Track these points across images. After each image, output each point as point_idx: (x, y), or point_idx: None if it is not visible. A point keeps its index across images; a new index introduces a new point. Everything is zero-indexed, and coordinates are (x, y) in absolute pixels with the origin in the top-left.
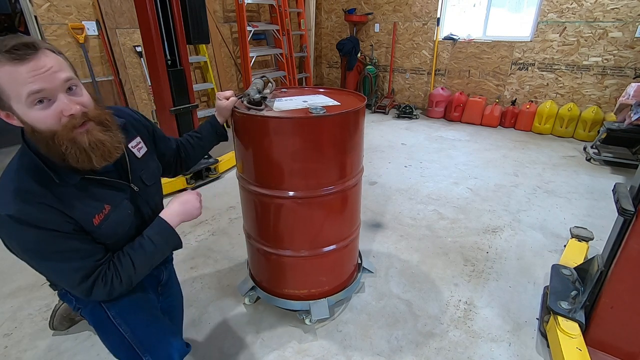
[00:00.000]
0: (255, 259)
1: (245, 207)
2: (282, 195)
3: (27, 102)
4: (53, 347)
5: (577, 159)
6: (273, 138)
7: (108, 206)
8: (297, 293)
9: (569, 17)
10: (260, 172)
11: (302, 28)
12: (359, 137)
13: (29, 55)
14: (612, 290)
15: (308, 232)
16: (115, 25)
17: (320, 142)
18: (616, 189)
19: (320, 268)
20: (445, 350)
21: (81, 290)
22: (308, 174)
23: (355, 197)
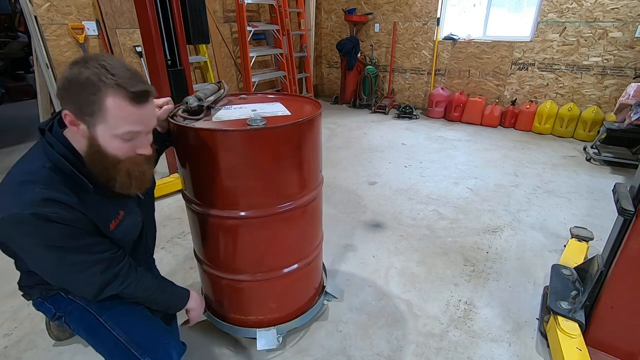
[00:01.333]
0: (203, 280)
1: (190, 225)
2: (220, 215)
3: (120, 135)
4: (53, 347)
5: (577, 159)
6: (203, 152)
7: (122, 212)
8: (245, 319)
9: (569, 17)
10: (197, 189)
11: (302, 28)
12: (309, 150)
13: (145, 102)
14: (612, 290)
15: (252, 254)
16: (115, 25)
17: (258, 157)
18: (616, 189)
19: (270, 292)
20: (445, 350)
21: (101, 282)
22: (247, 191)
23: (311, 215)
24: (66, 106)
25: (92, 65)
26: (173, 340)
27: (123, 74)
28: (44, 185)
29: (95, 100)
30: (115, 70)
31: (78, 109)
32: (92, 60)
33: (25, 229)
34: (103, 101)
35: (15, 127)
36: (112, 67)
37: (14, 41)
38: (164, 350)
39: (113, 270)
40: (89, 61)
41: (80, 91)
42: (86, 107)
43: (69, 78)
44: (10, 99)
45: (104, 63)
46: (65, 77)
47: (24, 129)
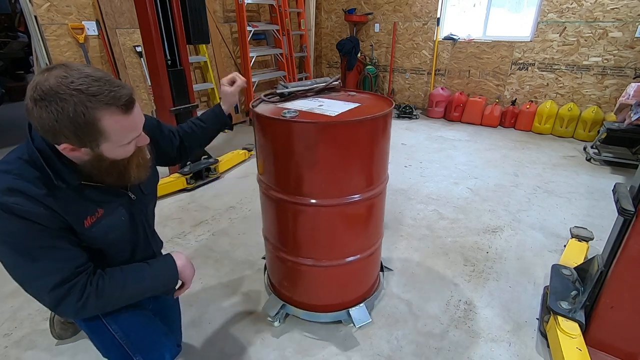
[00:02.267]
0: (283, 274)
1: (279, 218)
2: (293, 201)
3: (126, 143)
4: (53, 347)
5: (577, 159)
6: (279, 140)
7: (102, 210)
8: (331, 304)
9: (569, 17)
10: (271, 174)
11: (302, 28)
12: (381, 145)
13: (134, 106)
14: (612, 290)
15: (339, 240)
16: (115, 25)
17: (327, 149)
18: (616, 189)
19: (353, 275)
20: (445, 350)
21: (51, 298)
22: (315, 181)
23: (377, 209)
24: (63, 141)
25: (68, 95)
26: (168, 342)
27: (102, 90)
28: (15, 176)
29: (92, 128)
30: (92, 89)
31: (78, 141)
32: (61, 89)
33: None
34: (102, 125)
35: (15, 127)
36: (88, 87)
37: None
38: (157, 351)
39: (65, 286)
40: (60, 92)
41: (75, 127)
42: (85, 137)
43: (52, 118)
44: (10, 99)
45: (76, 86)
46: (45, 118)
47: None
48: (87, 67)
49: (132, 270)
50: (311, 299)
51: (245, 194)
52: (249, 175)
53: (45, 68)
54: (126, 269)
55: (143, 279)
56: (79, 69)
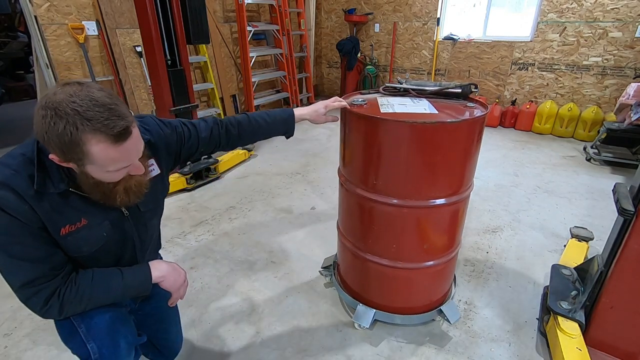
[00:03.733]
0: (372, 280)
1: (343, 206)
2: (380, 200)
3: (114, 170)
4: (53, 347)
5: (577, 159)
6: (367, 136)
7: (85, 221)
8: (418, 306)
9: (569, 17)
10: (356, 169)
11: (302, 28)
12: (471, 151)
13: (127, 138)
14: (612, 290)
15: (428, 241)
16: (115, 25)
17: (417, 149)
18: (616, 189)
19: (437, 277)
20: (445, 351)
21: (19, 294)
22: (403, 180)
23: (458, 215)
24: (51, 151)
25: (64, 113)
26: (124, 329)
27: (98, 116)
28: (13, 171)
29: (78, 150)
30: (89, 113)
31: (63, 156)
32: (62, 105)
33: None
34: (87, 148)
35: (15, 127)
36: (86, 110)
37: (14, 41)
38: (110, 338)
39: (33, 288)
40: (59, 108)
41: (61, 143)
42: (71, 155)
43: (44, 129)
44: (10, 99)
45: (76, 107)
46: (41, 126)
47: (24, 129)
48: (100, 92)
49: (102, 280)
50: (388, 300)
51: (245, 194)
52: (249, 175)
53: (65, 82)
54: (96, 278)
55: (111, 290)
56: (89, 93)
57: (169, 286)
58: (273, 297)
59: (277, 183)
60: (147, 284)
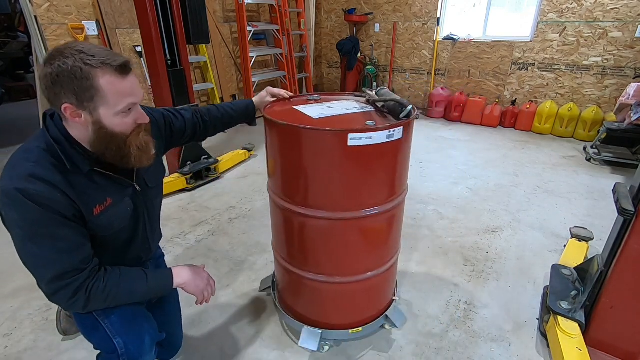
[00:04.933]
0: (278, 272)
1: (272, 219)
2: (305, 213)
3: (121, 110)
4: (53, 347)
5: (577, 159)
6: (290, 146)
7: (110, 199)
8: (342, 323)
9: (569, 17)
10: (284, 183)
11: (302, 28)
12: (400, 157)
13: (130, 72)
14: (612, 290)
15: (353, 255)
16: (115, 25)
17: (347, 159)
18: (616, 189)
19: (379, 287)
20: (445, 350)
21: (47, 288)
22: (331, 193)
23: (394, 222)
24: (64, 99)
25: (70, 54)
26: (148, 326)
27: (101, 53)
28: (34, 163)
29: (90, 84)
30: (93, 51)
31: (76, 98)
32: (66, 50)
33: (6, 202)
34: (97, 82)
35: (15, 127)
36: (89, 50)
37: (14, 41)
38: (136, 332)
39: (62, 282)
40: (64, 51)
41: (72, 80)
42: (84, 94)
43: (54, 73)
44: (10, 99)
45: (80, 48)
46: (49, 74)
47: (24, 129)
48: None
49: (128, 281)
50: (322, 316)
51: (245, 194)
52: (249, 175)
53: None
54: (123, 279)
55: (135, 292)
56: (88, 43)
57: (192, 291)
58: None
59: None
60: (168, 289)
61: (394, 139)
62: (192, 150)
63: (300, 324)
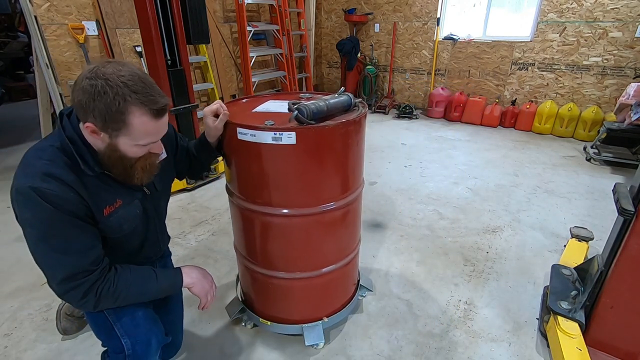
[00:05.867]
0: (248, 282)
1: (238, 225)
2: (273, 213)
3: (142, 144)
4: (53, 347)
5: (577, 159)
6: (243, 149)
7: (120, 200)
8: (292, 318)
9: (569, 17)
10: (242, 184)
11: (302, 28)
12: (353, 151)
13: (164, 113)
14: (612, 290)
15: (306, 252)
16: (115, 25)
17: (300, 156)
18: (616, 189)
19: (311, 290)
20: (445, 350)
21: (58, 288)
22: (289, 190)
23: (352, 216)
24: (90, 119)
25: (115, 84)
26: (155, 328)
27: (144, 90)
28: (48, 161)
29: (122, 118)
30: (136, 87)
31: (104, 123)
32: (112, 77)
33: (21, 201)
34: (130, 119)
35: (15, 127)
36: (133, 84)
37: (14, 41)
38: (144, 335)
39: (73, 282)
40: (110, 78)
41: (107, 110)
42: (112, 123)
43: (93, 94)
44: (10, 99)
45: (125, 80)
46: (88, 93)
47: (24, 129)
48: (139, 70)
49: (138, 281)
50: (281, 312)
51: None
52: None
53: (106, 60)
54: (133, 279)
55: (145, 292)
56: (132, 69)
57: (197, 292)
58: None
59: None
60: (178, 288)
61: (283, 142)
62: None
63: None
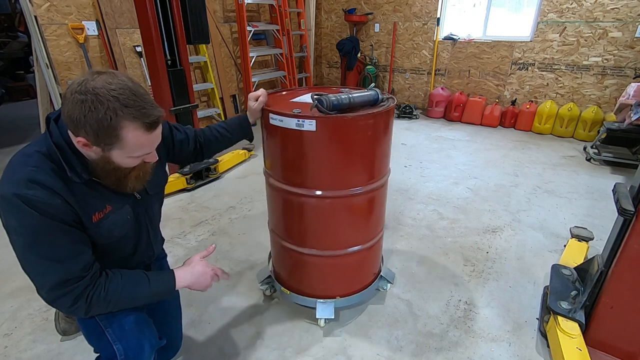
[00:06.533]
0: (276, 253)
1: (272, 204)
2: (307, 194)
3: (135, 156)
4: (53, 347)
5: (577, 159)
6: (282, 136)
7: (110, 206)
8: (312, 292)
9: (569, 17)
10: (279, 167)
11: (302, 28)
12: (383, 140)
13: (158, 126)
14: (612, 290)
15: (330, 232)
16: (115, 25)
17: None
18: (616, 189)
19: (337, 269)
20: (445, 350)
21: (48, 295)
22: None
23: (379, 201)
24: (82, 134)
25: (105, 99)
26: (148, 332)
27: (136, 104)
28: (33, 167)
29: (115, 134)
30: (127, 100)
31: (96, 138)
32: (102, 91)
33: (6, 208)
34: (122, 134)
35: (15, 127)
36: (125, 98)
37: (14, 41)
38: (136, 339)
39: (62, 290)
40: (99, 92)
41: (98, 127)
42: (105, 138)
43: (84, 110)
44: (10, 99)
45: (116, 94)
46: (79, 109)
47: (24, 129)
48: (131, 81)
49: (130, 287)
50: (310, 288)
51: (245, 194)
52: (249, 175)
53: (95, 70)
54: (125, 284)
55: (137, 297)
56: (123, 80)
57: (197, 289)
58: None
59: None
60: (171, 292)
61: (305, 128)
62: None
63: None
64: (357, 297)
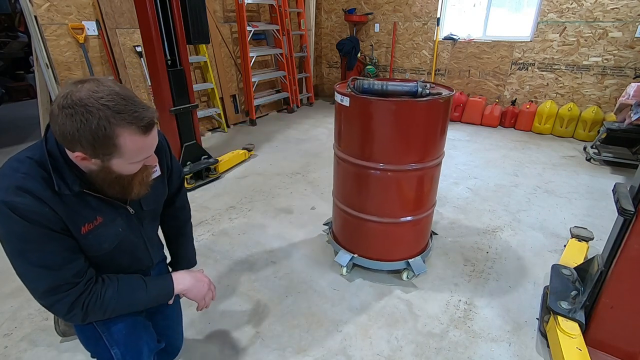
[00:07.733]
0: (352, 231)
1: (337, 173)
2: (364, 165)
3: (135, 162)
4: (53, 347)
5: (577, 159)
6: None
7: (101, 218)
8: (393, 257)
9: (569, 17)
10: (350, 143)
11: (302, 28)
12: (442, 123)
13: (153, 126)
14: (612, 290)
15: (408, 200)
16: (115, 25)
17: (401, 123)
18: (616, 189)
19: (413, 233)
20: (445, 350)
21: (42, 301)
22: (388, 149)
23: (434, 178)
24: (78, 149)
25: (95, 109)
26: (146, 336)
27: (127, 109)
28: (23, 174)
29: (112, 143)
30: (118, 106)
31: (93, 151)
32: (89, 101)
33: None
34: (119, 142)
35: (15, 127)
36: (115, 104)
37: (14, 41)
38: (134, 344)
39: (56, 296)
40: (88, 104)
41: (94, 139)
42: (102, 149)
43: (75, 125)
44: (10, 99)
45: (104, 102)
46: (69, 124)
47: (24, 129)
48: (117, 85)
49: (127, 292)
50: (373, 252)
51: (245, 194)
52: (249, 175)
53: (78, 80)
54: (121, 290)
55: (134, 302)
56: (109, 86)
57: (193, 297)
58: (273, 297)
59: (277, 183)
60: (170, 296)
61: (344, 103)
62: (192, 151)
63: (347, 253)
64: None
